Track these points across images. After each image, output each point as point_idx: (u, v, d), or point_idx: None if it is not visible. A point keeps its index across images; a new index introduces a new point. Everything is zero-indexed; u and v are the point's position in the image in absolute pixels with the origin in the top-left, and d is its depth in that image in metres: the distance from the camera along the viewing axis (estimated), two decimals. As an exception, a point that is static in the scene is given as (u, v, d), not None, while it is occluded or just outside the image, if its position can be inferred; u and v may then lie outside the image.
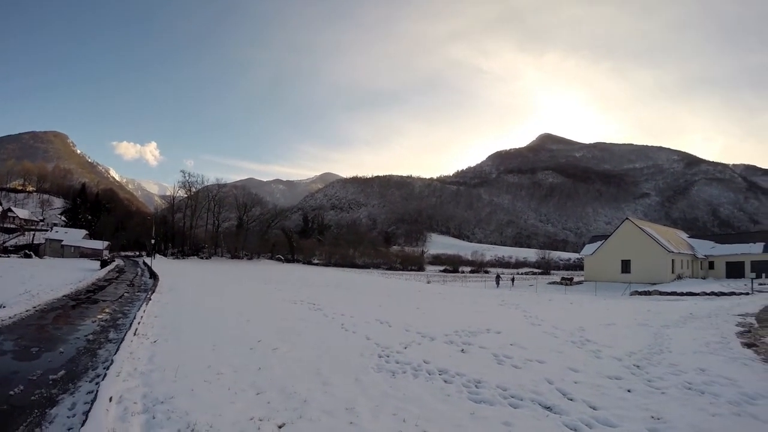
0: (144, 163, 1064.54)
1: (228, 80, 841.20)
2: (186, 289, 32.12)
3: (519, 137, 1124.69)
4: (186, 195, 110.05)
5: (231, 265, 74.40)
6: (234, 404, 8.20)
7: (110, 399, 7.79)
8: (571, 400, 9.13)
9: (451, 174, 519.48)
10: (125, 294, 29.23)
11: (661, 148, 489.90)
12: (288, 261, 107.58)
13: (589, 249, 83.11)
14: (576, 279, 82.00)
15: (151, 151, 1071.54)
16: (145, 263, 65.96)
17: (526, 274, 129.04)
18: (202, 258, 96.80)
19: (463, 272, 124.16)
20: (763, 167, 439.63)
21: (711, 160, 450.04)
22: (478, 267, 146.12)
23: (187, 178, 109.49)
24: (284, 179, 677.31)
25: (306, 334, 15.67)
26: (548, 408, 8.59)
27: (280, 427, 7.29)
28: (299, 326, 17.44)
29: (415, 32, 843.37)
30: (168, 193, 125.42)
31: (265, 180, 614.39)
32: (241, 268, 65.11)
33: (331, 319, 19.82)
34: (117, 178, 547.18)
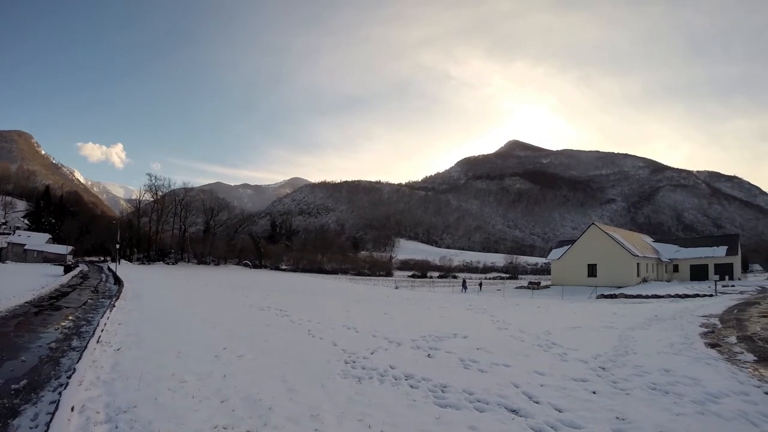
0: (110, 166, 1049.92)
1: (197, 82, 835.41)
2: (151, 296, 31.71)
3: (487, 144, 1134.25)
4: (152, 199, 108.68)
5: (197, 271, 73.72)
6: (198, 412, 8.07)
7: (72, 409, 7.64)
8: (537, 402, 9.16)
9: (419, 179, 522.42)
10: (89, 300, 28.73)
11: (627, 155, 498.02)
12: (255, 267, 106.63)
13: (555, 254, 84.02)
14: (543, 283, 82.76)
15: (117, 153, 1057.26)
16: (109, 269, 64.92)
17: (494, 278, 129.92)
18: (168, 263, 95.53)
19: (431, 277, 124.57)
20: (726, 174, 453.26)
21: (675, 167, 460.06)
22: (447, 272, 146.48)
23: (154, 181, 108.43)
24: (252, 184, 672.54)
25: (272, 341, 15.55)
26: (514, 411, 8.60)
27: (244, 434, 7.23)
28: (266, 332, 17.32)
29: (386, 37, 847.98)
30: (134, 197, 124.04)
31: (233, 184, 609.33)
32: (207, 274, 64.57)
33: (297, 325, 19.71)
34: (82, 181, 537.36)
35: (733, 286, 58.87)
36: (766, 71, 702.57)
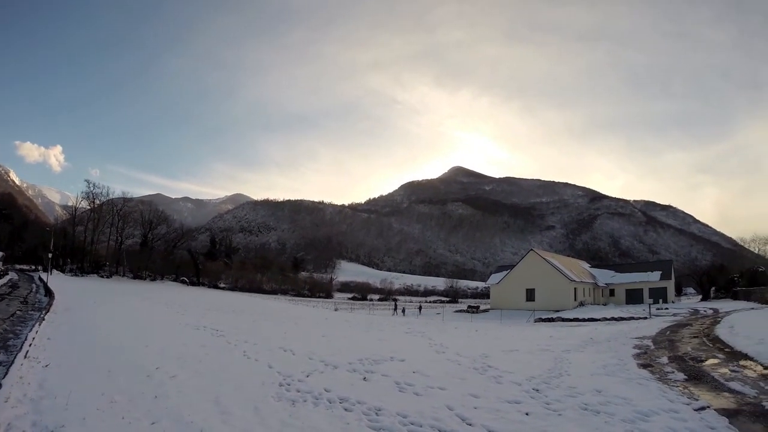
0: (47, 168, 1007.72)
1: (143, 89, 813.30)
2: (83, 310, 30.82)
3: (431, 169, 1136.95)
4: (89, 207, 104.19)
5: (133, 286, 71.65)
6: (127, 434, 7.83)
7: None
8: (470, 425, 9.18)
9: (362, 201, 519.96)
10: (17, 312, 27.64)
11: (567, 184, 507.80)
12: (193, 284, 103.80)
13: (495, 278, 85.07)
14: (482, 307, 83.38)
15: (56, 156, 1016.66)
16: (41, 279, 62.74)
17: (435, 302, 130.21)
18: (102, 276, 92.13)
19: (371, 300, 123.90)
20: (661, 203, 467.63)
21: (613, 196, 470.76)
22: (387, 295, 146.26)
23: (92, 188, 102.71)
24: (193, 197, 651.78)
25: (207, 361, 15.25)
26: (447, 434, 8.57)
27: (173, 457, 7.05)
28: (200, 353, 16.96)
29: (337, 58, 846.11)
30: (70, 203, 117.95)
31: (173, 197, 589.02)
32: (143, 290, 62.84)
33: (233, 345, 19.34)
34: (17, 182, 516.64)
35: (666, 309, 60.65)
36: (702, 108, 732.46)
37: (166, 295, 56.01)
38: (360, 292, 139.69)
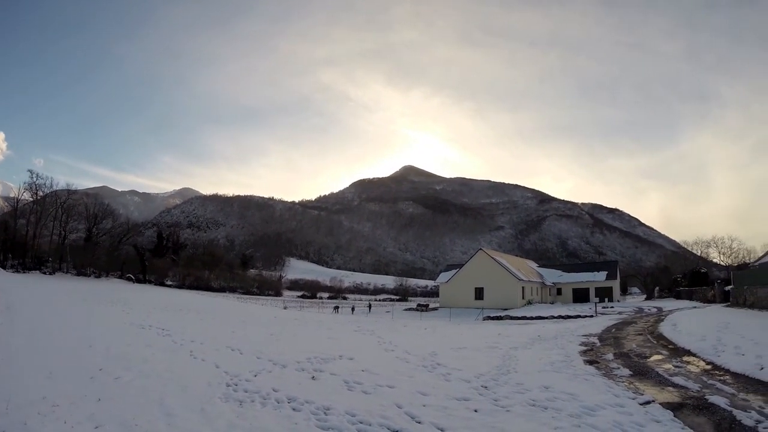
0: None
1: (91, 76, 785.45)
2: (23, 309, 29.83)
3: (382, 167, 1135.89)
4: (32, 199, 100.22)
5: (77, 283, 69.75)
6: (69, 439, 7.59)
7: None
8: (419, 422, 9.18)
9: (313, 198, 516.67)
10: (-48, 313, 26.75)
11: (516, 186, 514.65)
12: (139, 281, 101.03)
13: (444, 277, 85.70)
14: (432, 305, 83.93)
15: None
16: (-23, 276, 60.60)
17: (384, 300, 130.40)
18: (45, 273, 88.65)
19: (321, 298, 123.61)
20: (608, 206, 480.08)
21: (562, 198, 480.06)
22: (337, 293, 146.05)
23: (35, 179, 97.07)
24: (140, 191, 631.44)
25: (152, 362, 14.87)
26: None
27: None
28: (145, 353, 16.55)
29: (290, 52, 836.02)
30: (12, 195, 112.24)
31: (119, 190, 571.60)
32: (87, 287, 61.17)
33: (180, 345, 18.98)
34: None
35: (612, 307, 61.89)
36: (648, 117, 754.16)
37: (110, 292, 54.70)
38: (309, 290, 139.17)
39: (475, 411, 10.09)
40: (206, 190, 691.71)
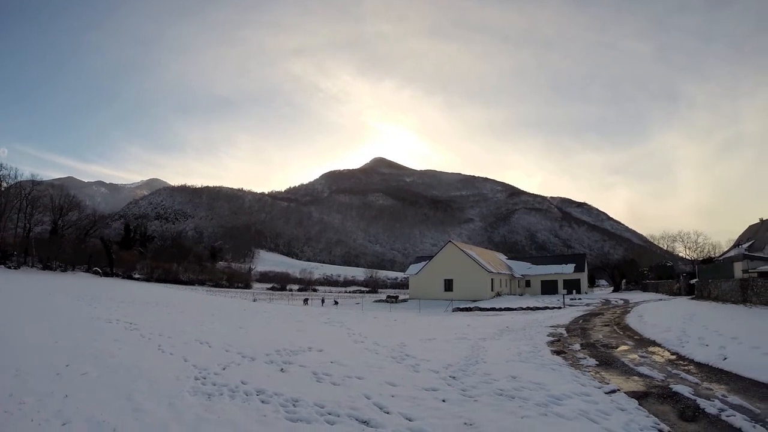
0: None
1: (53, 63, 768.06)
2: (-14, 307, 29.35)
3: (352, 159, 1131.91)
4: None
5: (42, 277, 68.47)
6: (36, 437, 7.50)
7: None
8: (388, 413, 9.26)
9: (282, 190, 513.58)
10: None
11: (486, 179, 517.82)
12: (106, 274, 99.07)
13: (414, 269, 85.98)
14: (401, 297, 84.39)
15: None
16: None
17: (354, 292, 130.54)
18: (9, 267, 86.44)
19: (291, 290, 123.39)
20: (576, 200, 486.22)
21: (531, 192, 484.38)
22: (307, 285, 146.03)
23: None
24: (107, 182, 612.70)
25: (119, 357, 14.67)
26: (365, 422, 8.64)
27: (85, 459, 6.79)
28: (112, 348, 16.29)
29: (260, 41, 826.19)
30: None
31: (86, 180, 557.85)
32: (53, 281, 60.21)
33: (147, 339, 18.74)
34: None
35: (580, 299, 62.79)
36: (617, 114, 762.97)
37: (77, 287, 53.94)
38: (279, 282, 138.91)
39: (443, 401, 10.17)
40: (175, 181, 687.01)
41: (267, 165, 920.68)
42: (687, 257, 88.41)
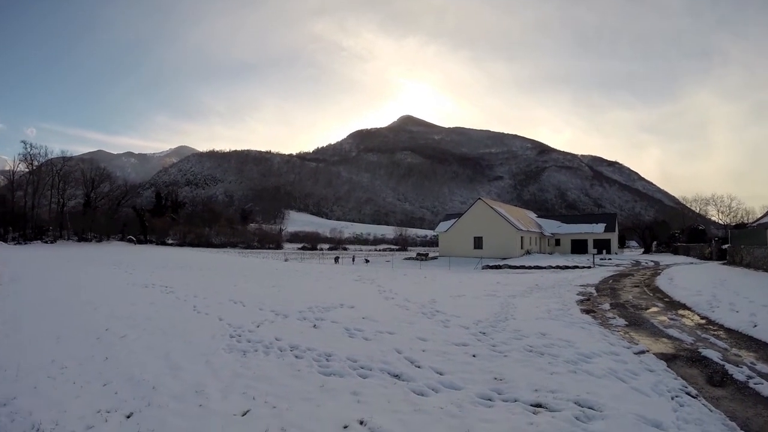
0: None
1: (77, 41, 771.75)
2: (28, 279, 29.75)
3: (380, 117, 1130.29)
4: (28, 170, 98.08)
5: (78, 249, 69.59)
6: (80, 398, 7.86)
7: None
8: (419, 367, 9.41)
9: (311, 151, 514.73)
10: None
11: (516, 136, 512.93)
12: (140, 242, 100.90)
13: (443, 226, 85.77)
14: (431, 255, 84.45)
15: None
16: (-19, 251, 60.42)
17: (384, 250, 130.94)
18: (46, 242, 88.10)
19: (321, 250, 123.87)
20: (607, 159, 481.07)
21: (561, 149, 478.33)
22: (337, 244, 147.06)
23: (29, 149, 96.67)
24: (136, 152, 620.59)
25: (156, 319, 15.05)
26: (396, 376, 8.82)
27: (128, 417, 7.06)
28: (149, 311, 16.73)
29: (279, 3, 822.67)
30: (7, 168, 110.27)
31: (115, 153, 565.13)
32: (88, 252, 61.24)
33: (183, 301, 19.14)
34: None
35: (610, 259, 62.34)
36: (647, 71, 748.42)
37: (112, 255, 54.82)
38: (310, 242, 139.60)
39: (474, 356, 10.29)
40: (202, 147, 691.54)
41: (293, 126, 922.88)
42: (719, 221, 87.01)
